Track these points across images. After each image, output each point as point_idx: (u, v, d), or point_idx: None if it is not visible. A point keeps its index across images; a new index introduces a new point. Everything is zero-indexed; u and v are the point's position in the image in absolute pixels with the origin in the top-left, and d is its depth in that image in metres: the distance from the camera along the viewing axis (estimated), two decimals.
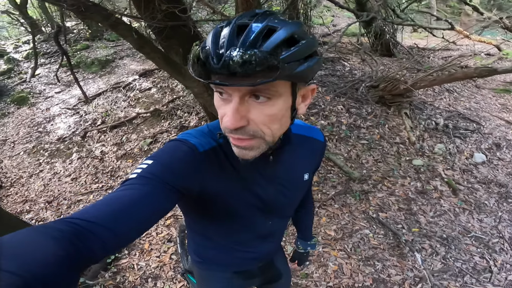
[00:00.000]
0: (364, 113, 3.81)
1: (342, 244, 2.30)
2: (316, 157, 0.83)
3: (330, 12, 9.25)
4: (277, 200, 0.75)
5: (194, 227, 0.83)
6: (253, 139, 0.55)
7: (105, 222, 0.42)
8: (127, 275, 2.15)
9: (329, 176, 3.00)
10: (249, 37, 0.45)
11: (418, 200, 2.69)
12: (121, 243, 0.45)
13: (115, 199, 0.47)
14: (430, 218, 2.50)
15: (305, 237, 1.14)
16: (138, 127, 4.10)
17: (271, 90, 0.50)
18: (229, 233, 0.79)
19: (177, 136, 0.66)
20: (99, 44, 7.44)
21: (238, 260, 0.88)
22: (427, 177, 2.96)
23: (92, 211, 0.43)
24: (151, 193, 0.50)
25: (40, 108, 5.22)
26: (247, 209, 0.72)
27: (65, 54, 4.40)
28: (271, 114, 0.53)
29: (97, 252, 0.40)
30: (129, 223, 0.46)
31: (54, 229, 0.37)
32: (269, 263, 0.99)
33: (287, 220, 0.93)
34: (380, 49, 5.75)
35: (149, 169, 0.53)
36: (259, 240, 0.84)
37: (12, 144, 4.34)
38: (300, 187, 0.81)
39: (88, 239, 0.39)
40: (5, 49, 8.13)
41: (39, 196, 3.21)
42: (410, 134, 3.54)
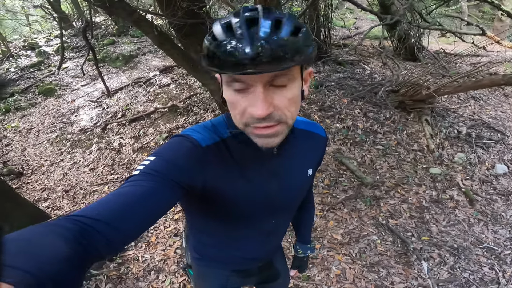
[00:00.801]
0: (382, 118, 3.71)
1: (347, 248, 2.26)
2: (318, 153, 0.83)
3: (353, 15, 9.08)
4: (281, 196, 0.74)
5: (195, 224, 0.83)
6: (278, 125, 0.56)
7: (110, 220, 0.43)
8: (131, 266, 2.20)
9: (340, 180, 2.95)
10: (267, 28, 0.48)
11: (431, 208, 2.61)
12: (125, 240, 0.45)
13: (119, 196, 0.47)
14: (442, 228, 2.43)
15: (304, 240, 1.12)
16: (155, 121, 4.20)
17: (289, 74, 0.53)
18: (231, 230, 0.78)
19: (181, 131, 0.66)
20: (124, 39, 7.69)
21: (238, 259, 0.87)
22: (444, 186, 2.85)
23: (97, 208, 0.44)
24: (154, 190, 0.50)
25: (66, 99, 5.46)
26: (251, 205, 0.71)
27: (91, 48, 4.59)
28: (291, 97, 0.55)
29: (102, 250, 0.41)
30: (133, 221, 0.46)
31: (61, 227, 0.38)
32: (268, 263, 0.98)
33: (290, 218, 0.92)
34: (404, 53, 5.58)
35: (152, 166, 0.54)
36: (261, 238, 0.84)
37: (36, 133, 4.56)
38: (304, 183, 0.80)
39: (93, 238, 0.40)
40: (37, 42, 8.52)
41: (58, 185, 3.36)
42: (430, 142, 3.41)
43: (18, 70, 6.96)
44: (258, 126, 0.55)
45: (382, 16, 4.69)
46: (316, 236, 2.38)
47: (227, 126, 0.67)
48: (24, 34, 10.59)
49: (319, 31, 4.91)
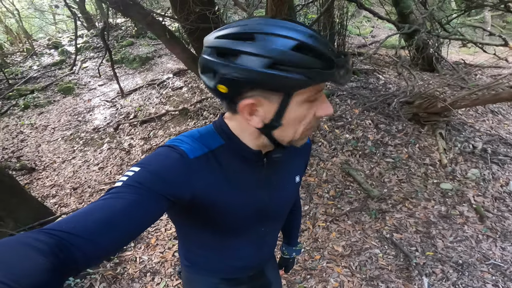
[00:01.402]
0: (394, 130, 3.61)
1: (348, 261, 2.23)
2: (304, 159, 0.84)
3: (370, 23, 8.94)
4: (272, 205, 0.74)
5: (184, 233, 0.81)
6: None
7: (86, 234, 0.42)
8: (127, 267, 2.22)
9: (346, 192, 2.89)
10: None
11: (439, 224, 2.54)
12: (103, 254, 0.45)
13: (98, 209, 0.46)
14: (448, 243, 2.36)
15: (290, 242, 1.13)
16: (166, 124, 4.25)
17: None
18: (221, 239, 0.77)
19: (167, 141, 0.65)
20: (142, 41, 7.86)
21: (228, 267, 0.86)
22: (454, 202, 2.76)
23: (74, 221, 0.43)
24: (136, 203, 0.49)
25: (83, 98, 5.63)
26: (240, 215, 0.70)
27: (108, 49, 4.71)
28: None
29: (79, 263, 0.41)
30: (112, 235, 0.45)
31: (37, 240, 0.37)
32: (260, 272, 0.96)
33: (280, 226, 0.91)
34: (421, 63, 5.42)
35: (136, 177, 0.52)
36: (251, 247, 0.82)
37: (52, 130, 4.72)
38: (293, 190, 0.80)
39: (70, 251, 0.40)
40: (61, 41, 8.84)
41: (67, 182, 3.45)
42: (443, 156, 3.29)
43: (40, 68, 7.24)
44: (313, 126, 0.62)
45: (400, 25, 4.59)
46: (316, 247, 2.35)
47: (219, 136, 0.65)
48: (49, 33, 11.01)
49: (333, 38, 4.86)
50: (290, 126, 0.58)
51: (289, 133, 0.60)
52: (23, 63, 7.70)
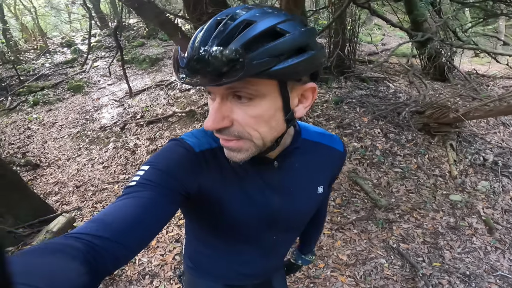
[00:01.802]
0: (403, 140, 3.54)
1: (352, 270, 2.19)
2: (333, 168, 0.76)
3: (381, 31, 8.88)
4: (283, 212, 0.69)
5: (193, 231, 0.80)
6: (240, 140, 0.53)
7: (114, 237, 0.43)
8: (126, 268, 2.19)
9: (353, 200, 2.85)
10: (222, 33, 0.43)
11: (447, 235, 2.51)
12: (131, 254, 0.45)
13: (119, 210, 0.47)
14: (456, 254, 2.33)
15: (303, 249, 1.07)
16: (172, 125, 4.24)
17: (250, 89, 0.47)
18: (228, 242, 0.74)
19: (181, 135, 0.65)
20: (152, 42, 7.94)
21: (232, 273, 0.82)
22: (463, 213, 2.73)
23: (100, 224, 0.44)
24: (153, 201, 0.49)
25: (91, 97, 5.67)
26: (248, 218, 0.66)
27: (119, 48, 4.74)
28: (255, 115, 0.50)
29: (110, 267, 0.41)
30: (135, 233, 0.46)
31: (70, 247, 0.38)
32: (266, 282, 0.91)
33: (295, 237, 0.85)
34: (433, 73, 5.33)
35: (147, 176, 0.53)
36: (260, 254, 0.78)
37: (59, 127, 4.74)
38: (312, 200, 0.73)
39: (101, 256, 0.40)
40: (74, 40, 9.00)
41: (70, 180, 3.45)
42: (453, 168, 3.22)
43: (52, 65, 7.35)
44: (219, 137, 0.54)
45: (413, 33, 4.52)
46: (321, 255, 2.31)
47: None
48: (64, 31, 11.23)
49: (344, 45, 4.81)
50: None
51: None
52: (35, 60, 7.83)
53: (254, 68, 0.42)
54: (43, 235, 2.27)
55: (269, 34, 0.44)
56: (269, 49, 0.43)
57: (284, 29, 0.45)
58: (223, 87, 0.47)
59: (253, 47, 0.43)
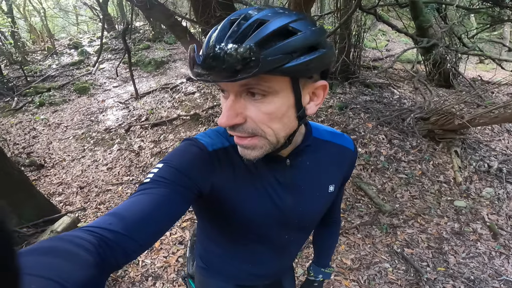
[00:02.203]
0: (408, 146, 3.53)
1: (356, 274, 2.18)
2: (344, 167, 0.75)
3: (385, 37, 8.89)
4: (295, 211, 0.69)
5: (205, 230, 0.80)
6: (254, 138, 0.53)
7: (126, 231, 0.43)
8: (129, 270, 2.19)
9: (357, 205, 2.84)
10: (237, 32, 0.45)
11: (452, 240, 2.50)
12: (141, 249, 0.46)
13: (132, 205, 0.48)
14: (460, 259, 2.32)
15: (320, 262, 1.00)
16: (176, 128, 4.26)
17: (263, 86, 0.48)
18: (240, 241, 0.74)
19: (195, 135, 0.66)
20: (158, 45, 8.00)
21: (243, 273, 0.81)
22: (468, 219, 2.72)
23: (112, 219, 0.45)
24: (165, 198, 0.50)
25: (97, 99, 5.72)
26: (260, 217, 0.66)
27: (127, 50, 4.77)
28: (268, 112, 0.51)
29: (120, 260, 0.42)
30: (147, 229, 0.46)
31: (81, 239, 0.38)
32: (277, 282, 0.91)
33: (306, 236, 0.84)
34: (438, 79, 5.33)
35: (161, 173, 0.54)
36: (272, 254, 0.78)
37: (64, 128, 4.78)
38: (324, 199, 0.73)
39: (112, 248, 0.41)
40: (81, 42, 9.08)
41: (74, 181, 3.46)
42: (457, 174, 3.21)
43: (59, 67, 7.44)
44: (232, 134, 0.55)
45: (418, 38, 4.53)
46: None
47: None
48: (71, 33, 11.35)
49: (349, 51, 4.82)
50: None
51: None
52: (43, 61, 7.92)
53: (269, 65, 0.43)
54: (47, 235, 2.28)
55: (282, 33, 0.45)
56: (282, 47, 0.44)
57: (296, 28, 0.46)
58: (238, 84, 0.48)
59: (267, 45, 0.44)
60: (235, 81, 0.45)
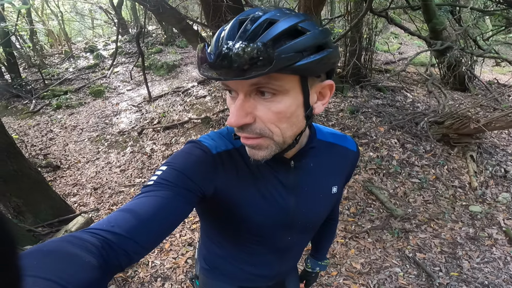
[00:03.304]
0: (421, 151, 3.47)
1: (366, 279, 2.16)
2: (347, 168, 0.77)
3: (398, 40, 8.77)
4: (299, 213, 0.69)
5: (208, 232, 0.81)
6: (261, 138, 0.53)
7: (127, 232, 0.44)
8: (139, 270, 2.22)
9: (368, 210, 2.81)
10: (247, 31, 0.45)
11: (466, 245, 2.46)
12: (143, 251, 0.46)
13: (135, 208, 0.48)
14: (475, 264, 2.28)
15: (318, 256, 1.06)
16: (187, 131, 4.31)
17: (274, 84, 0.48)
18: (243, 243, 0.74)
19: (198, 137, 0.66)
20: (170, 49, 8.11)
21: (246, 274, 0.82)
22: (483, 224, 2.67)
23: (115, 221, 0.45)
24: (168, 200, 0.51)
25: (111, 102, 5.84)
26: (264, 219, 0.67)
27: (141, 54, 4.84)
28: (278, 111, 0.51)
29: (122, 262, 0.42)
30: (150, 232, 0.47)
31: (83, 241, 0.39)
32: (280, 283, 0.92)
33: (309, 238, 0.85)
34: (452, 82, 5.22)
35: (165, 176, 0.54)
36: (274, 255, 0.78)
37: (80, 130, 4.90)
38: (327, 201, 0.74)
39: (114, 251, 0.41)
40: (97, 45, 9.20)
41: (89, 182, 3.55)
42: (473, 179, 3.13)
43: (75, 70, 7.64)
44: (240, 135, 0.54)
45: (432, 41, 4.45)
46: (334, 263, 2.29)
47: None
48: (87, 37, 11.60)
49: (360, 54, 4.78)
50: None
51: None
52: (60, 64, 8.14)
53: (282, 62, 0.44)
54: (61, 235, 2.34)
55: (291, 33, 0.46)
56: (294, 45, 0.45)
57: (304, 27, 0.47)
58: (248, 83, 0.48)
59: (278, 43, 0.45)
60: (249, 79, 0.45)
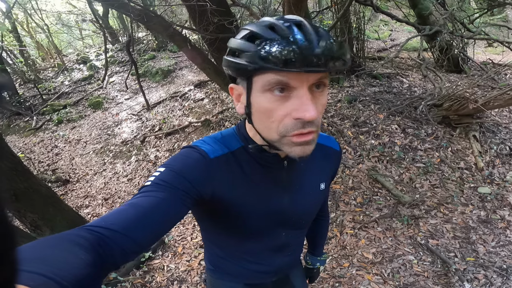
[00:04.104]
0: (423, 134, 3.50)
1: (379, 268, 2.17)
2: (332, 166, 0.81)
3: (388, 27, 8.77)
4: (292, 210, 0.73)
5: (207, 234, 0.82)
6: (315, 132, 0.54)
7: (124, 230, 0.45)
8: (155, 275, 2.27)
9: (374, 198, 2.83)
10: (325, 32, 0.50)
11: (479, 229, 2.44)
12: (138, 249, 0.47)
13: (132, 207, 0.49)
14: (490, 248, 2.26)
15: (315, 252, 1.10)
16: (189, 135, 4.34)
17: (327, 78, 0.53)
18: (241, 242, 0.77)
19: (191, 143, 0.67)
20: (163, 54, 8.07)
21: (249, 272, 0.84)
22: (494, 206, 2.65)
23: (112, 219, 0.46)
24: (165, 201, 0.51)
25: (111, 112, 5.86)
26: (260, 218, 0.70)
27: (133, 63, 4.83)
28: (324, 103, 0.55)
29: (117, 259, 0.43)
30: (146, 231, 0.48)
31: (78, 237, 0.39)
32: (284, 278, 0.94)
33: (303, 233, 0.89)
34: (447, 65, 5.25)
35: (162, 177, 0.55)
36: (272, 252, 0.81)
37: (84, 143, 4.94)
38: (316, 197, 0.79)
39: (109, 247, 0.42)
40: (89, 56, 9.05)
41: (99, 193, 3.59)
42: (478, 160, 3.15)
43: (71, 83, 7.61)
44: (302, 132, 0.53)
45: (420, 26, 4.47)
46: (345, 255, 2.32)
47: (239, 138, 0.67)
48: (78, 48, 11.44)
49: (351, 44, 4.81)
50: (259, 119, 0.57)
51: (261, 128, 0.58)
52: (55, 78, 8.09)
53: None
54: None
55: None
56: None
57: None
58: (316, 77, 0.51)
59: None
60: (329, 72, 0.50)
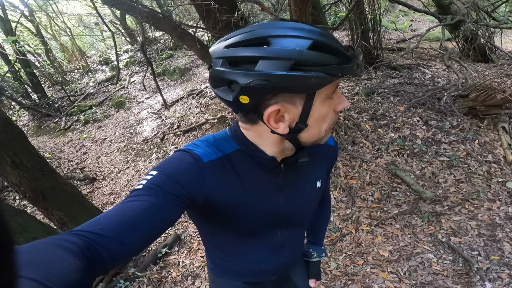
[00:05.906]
0: (448, 127, 3.34)
1: (395, 266, 2.10)
2: (328, 163, 0.82)
3: (408, 17, 8.40)
4: (287, 210, 0.73)
5: (205, 236, 0.82)
6: None
7: (114, 235, 0.45)
8: (171, 270, 2.33)
9: (393, 194, 2.75)
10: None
11: (506, 226, 2.31)
12: (128, 254, 0.47)
13: (123, 211, 0.49)
14: None
15: (318, 241, 1.07)
16: (206, 132, 4.42)
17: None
18: (238, 243, 0.78)
19: (183, 146, 0.67)
20: (179, 53, 8.16)
21: (248, 271, 0.85)
22: None
23: (102, 223, 0.46)
24: (156, 205, 0.51)
25: (133, 112, 6.05)
26: (254, 220, 0.70)
27: (149, 62, 4.95)
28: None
29: (107, 263, 0.43)
30: (136, 235, 0.48)
31: (68, 242, 0.39)
32: (285, 276, 0.94)
33: (302, 231, 0.89)
34: (473, 54, 4.98)
35: (154, 180, 0.55)
36: (270, 251, 0.81)
37: (109, 142, 5.15)
38: (313, 195, 0.79)
39: (98, 252, 0.42)
40: (110, 57, 9.30)
41: (123, 190, 3.74)
42: (507, 152, 2.98)
43: (95, 84, 7.92)
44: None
45: (441, 16, 4.27)
46: (359, 252, 2.27)
47: (233, 141, 0.67)
48: (100, 49, 11.80)
49: (367, 36, 4.67)
50: (315, 126, 0.59)
51: (314, 133, 0.60)
52: (80, 80, 8.44)
53: None
54: None
55: None
56: None
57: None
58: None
59: None
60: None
